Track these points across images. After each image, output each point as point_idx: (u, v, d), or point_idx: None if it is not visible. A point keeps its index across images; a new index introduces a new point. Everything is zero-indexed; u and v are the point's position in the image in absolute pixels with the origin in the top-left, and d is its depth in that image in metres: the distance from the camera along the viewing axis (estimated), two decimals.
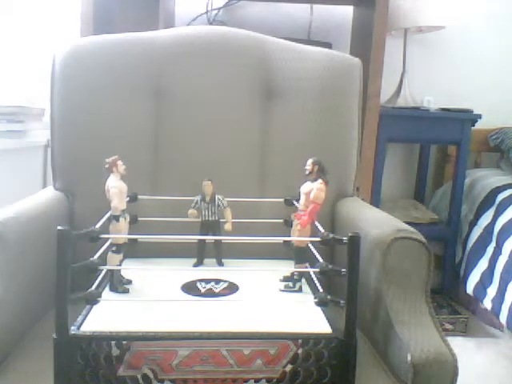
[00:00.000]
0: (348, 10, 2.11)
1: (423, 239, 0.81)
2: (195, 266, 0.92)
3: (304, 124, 1.09)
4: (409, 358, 0.71)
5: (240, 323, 0.70)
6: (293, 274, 0.85)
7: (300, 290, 0.84)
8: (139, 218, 0.91)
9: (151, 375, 0.65)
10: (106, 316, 0.71)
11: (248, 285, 0.84)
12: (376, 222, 0.89)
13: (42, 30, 1.82)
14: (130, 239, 0.82)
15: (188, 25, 2.05)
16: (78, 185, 1.05)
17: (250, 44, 1.11)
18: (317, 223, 0.82)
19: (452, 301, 2.09)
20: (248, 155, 1.09)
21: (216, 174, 0.94)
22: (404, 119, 2.00)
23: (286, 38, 1.15)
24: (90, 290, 0.68)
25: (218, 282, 0.85)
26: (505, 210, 1.83)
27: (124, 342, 0.64)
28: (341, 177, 1.11)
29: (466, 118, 2.00)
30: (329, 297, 0.71)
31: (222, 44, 1.09)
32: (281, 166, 1.09)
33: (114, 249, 0.77)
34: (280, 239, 0.85)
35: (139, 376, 0.65)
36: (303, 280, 0.85)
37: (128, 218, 0.82)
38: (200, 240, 0.91)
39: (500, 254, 1.78)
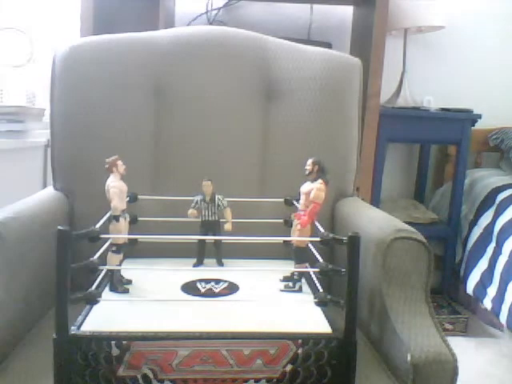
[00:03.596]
0: (348, 10, 2.11)
1: (423, 239, 0.81)
2: (195, 266, 0.92)
3: (304, 124, 1.09)
4: (409, 358, 0.71)
5: (240, 323, 0.70)
6: (293, 273, 0.85)
7: (300, 289, 0.83)
8: (139, 218, 0.91)
9: (151, 375, 0.65)
10: (106, 316, 0.71)
11: (248, 285, 0.84)
12: (376, 222, 0.89)
13: (42, 29, 1.81)
14: (129, 239, 0.82)
15: (188, 25, 2.05)
16: (78, 185, 1.05)
17: (250, 44, 1.11)
18: (317, 223, 0.82)
19: (452, 301, 2.09)
20: (248, 155, 1.09)
21: (216, 174, 0.94)
22: (404, 119, 2.00)
23: (286, 38, 1.15)
24: (89, 290, 0.68)
25: (217, 282, 0.85)
26: (505, 210, 1.83)
27: (124, 342, 0.64)
28: (341, 177, 1.11)
29: (466, 117, 2.01)
30: (329, 297, 0.71)
31: (222, 44, 1.09)
32: (281, 166, 1.09)
33: (114, 249, 0.77)
34: (280, 239, 0.85)
35: (139, 376, 0.65)
36: (303, 280, 0.85)
37: (128, 218, 0.82)
38: (200, 240, 0.91)
39: (500, 253, 1.78)
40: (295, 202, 0.94)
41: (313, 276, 0.79)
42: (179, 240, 0.80)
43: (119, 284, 0.80)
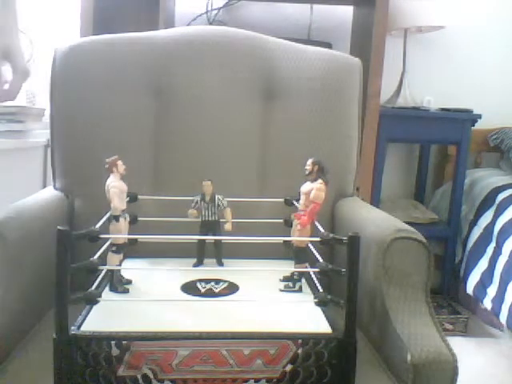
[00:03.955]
0: (348, 10, 2.11)
1: (423, 239, 0.81)
2: (195, 266, 0.92)
3: (304, 124, 1.09)
4: (409, 357, 0.71)
5: (240, 323, 0.70)
6: (293, 273, 0.85)
7: (300, 290, 0.83)
8: (139, 218, 0.91)
9: (151, 375, 0.65)
10: (106, 316, 0.71)
11: (248, 285, 0.84)
12: (376, 222, 0.89)
13: (42, 29, 1.81)
14: (129, 239, 0.82)
15: (188, 25, 2.05)
16: (78, 185, 1.05)
17: (250, 44, 1.11)
18: (317, 223, 0.82)
19: (452, 301, 2.09)
20: (248, 155, 1.09)
21: (216, 174, 0.94)
22: (404, 119, 2.00)
23: (286, 38, 1.15)
24: (89, 289, 0.68)
25: (217, 282, 0.85)
26: (505, 209, 1.83)
27: (124, 342, 0.64)
28: (341, 177, 1.11)
29: (466, 117, 2.01)
30: (329, 297, 0.71)
31: (222, 44, 1.09)
32: (281, 166, 1.09)
33: (114, 249, 0.77)
34: (280, 239, 0.85)
35: (139, 376, 0.65)
36: (303, 280, 0.85)
37: (128, 218, 0.82)
38: (200, 240, 0.91)
39: (500, 254, 1.78)
40: (295, 202, 0.94)
41: (313, 276, 0.79)
42: (179, 240, 0.80)
43: (119, 284, 0.80)
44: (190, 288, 0.82)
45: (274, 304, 0.78)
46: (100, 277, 0.72)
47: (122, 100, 1.05)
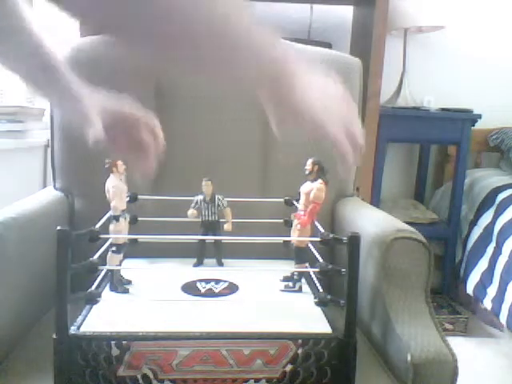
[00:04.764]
0: (348, 10, 2.11)
1: (423, 239, 0.81)
2: (195, 266, 0.92)
3: None
4: (409, 358, 0.71)
5: (240, 323, 0.70)
6: (293, 273, 0.85)
7: (300, 290, 0.83)
8: (139, 218, 0.91)
9: (151, 375, 0.65)
10: (106, 316, 0.71)
11: (248, 285, 0.84)
12: (376, 222, 0.89)
13: (41, 29, 1.81)
14: (130, 239, 0.82)
15: None
16: (78, 185, 1.05)
17: None
18: (317, 223, 0.82)
19: (452, 301, 2.09)
20: (248, 155, 1.09)
21: (216, 174, 0.94)
22: (404, 119, 2.00)
23: (285, 38, 1.14)
24: (89, 290, 0.68)
25: (217, 281, 0.85)
26: (505, 209, 1.83)
27: (124, 342, 0.64)
28: (341, 177, 1.10)
29: (466, 117, 2.01)
30: (329, 297, 0.71)
31: None
32: (281, 166, 1.08)
33: (114, 249, 0.78)
34: (280, 239, 0.85)
35: (139, 376, 0.65)
36: (303, 280, 0.85)
37: (128, 218, 0.82)
38: (200, 240, 0.91)
39: (500, 254, 1.78)
40: (295, 202, 0.94)
41: (313, 276, 0.79)
42: (179, 240, 0.80)
43: (119, 284, 0.80)
44: (190, 288, 0.82)
45: (274, 304, 0.78)
46: (100, 277, 0.72)
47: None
